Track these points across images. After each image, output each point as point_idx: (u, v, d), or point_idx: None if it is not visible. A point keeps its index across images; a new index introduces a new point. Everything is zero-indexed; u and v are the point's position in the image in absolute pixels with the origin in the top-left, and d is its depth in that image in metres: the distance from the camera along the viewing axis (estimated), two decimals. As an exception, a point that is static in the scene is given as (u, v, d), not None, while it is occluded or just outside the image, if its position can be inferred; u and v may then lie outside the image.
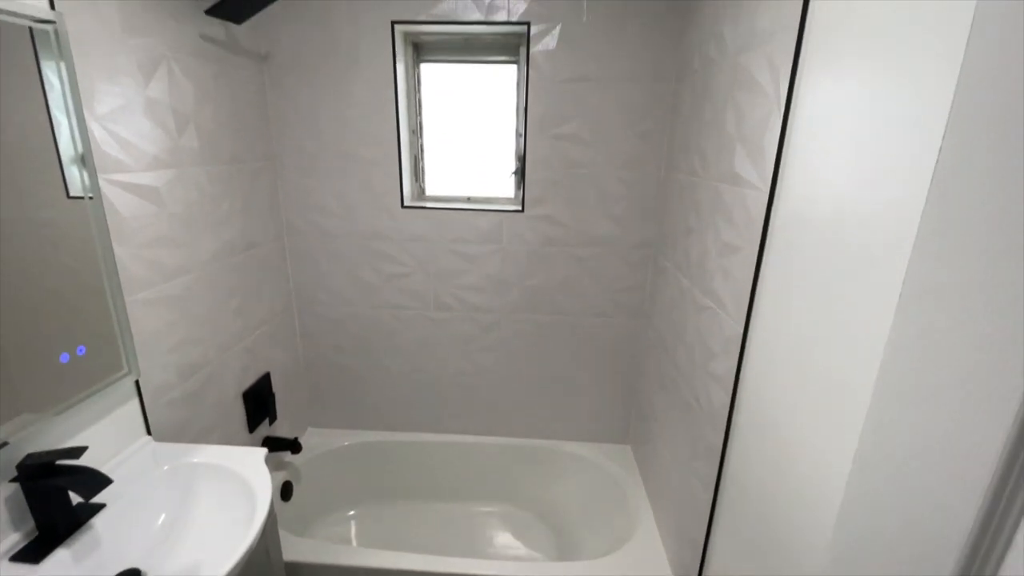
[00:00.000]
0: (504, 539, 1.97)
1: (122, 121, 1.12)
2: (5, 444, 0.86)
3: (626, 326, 1.91)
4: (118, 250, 1.10)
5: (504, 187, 1.91)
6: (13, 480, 0.87)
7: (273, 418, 1.79)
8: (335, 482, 2.01)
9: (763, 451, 0.95)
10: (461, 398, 2.06)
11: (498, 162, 1.89)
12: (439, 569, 1.45)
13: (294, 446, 1.81)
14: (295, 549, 1.49)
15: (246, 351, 1.64)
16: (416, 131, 1.85)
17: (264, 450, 1.20)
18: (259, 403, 1.71)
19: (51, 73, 0.92)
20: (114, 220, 1.09)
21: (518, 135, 1.82)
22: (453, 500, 2.09)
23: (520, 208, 1.79)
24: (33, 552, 0.87)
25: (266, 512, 1.01)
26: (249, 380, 1.67)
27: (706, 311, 1.25)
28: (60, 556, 0.89)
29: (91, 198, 1.01)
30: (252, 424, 1.68)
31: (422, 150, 1.89)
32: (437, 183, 1.94)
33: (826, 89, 0.79)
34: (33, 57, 0.90)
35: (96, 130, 1.05)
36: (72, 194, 0.98)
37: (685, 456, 1.38)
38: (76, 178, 0.98)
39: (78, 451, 0.92)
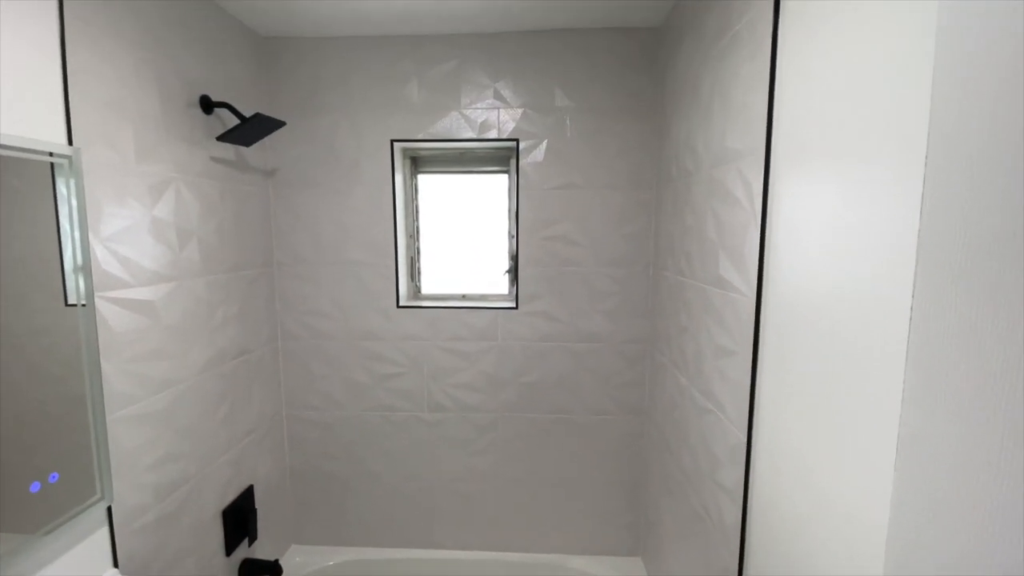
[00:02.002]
0: (505, 677, 1.74)
1: (126, 241, 1.16)
2: (-50, 593, 0.78)
3: (627, 424, 1.85)
4: (105, 366, 1.09)
5: (498, 285, 1.95)
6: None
7: (253, 538, 1.66)
8: (317, 610, 1.82)
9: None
10: (457, 508, 1.93)
11: (492, 261, 1.94)
12: None
13: (274, 569, 1.66)
14: None
15: (230, 463, 1.56)
16: (413, 235, 1.93)
17: (238, 583, 1.09)
18: (239, 521, 1.59)
19: (63, 198, 0.97)
20: (104, 335, 1.09)
21: (510, 236, 1.89)
22: (448, 628, 1.88)
23: (514, 305, 1.81)
24: None
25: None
26: (230, 496, 1.57)
27: (708, 414, 1.21)
28: None
29: (83, 305, 1.01)
30: (230, 546, 1.55)
31: (418, 252, 1.95)
32: (433, 282, 1.97)
33: (799, 198, 0.83)
34: (50, 183, 0.95)
35: (99, 250, 1.08)
36: (66, 312, 0.99)
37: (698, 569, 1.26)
38: (72, 295, 1.00)
39: (30, 597, 0.84)
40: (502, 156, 1.86)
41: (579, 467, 1.88)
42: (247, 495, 1.65)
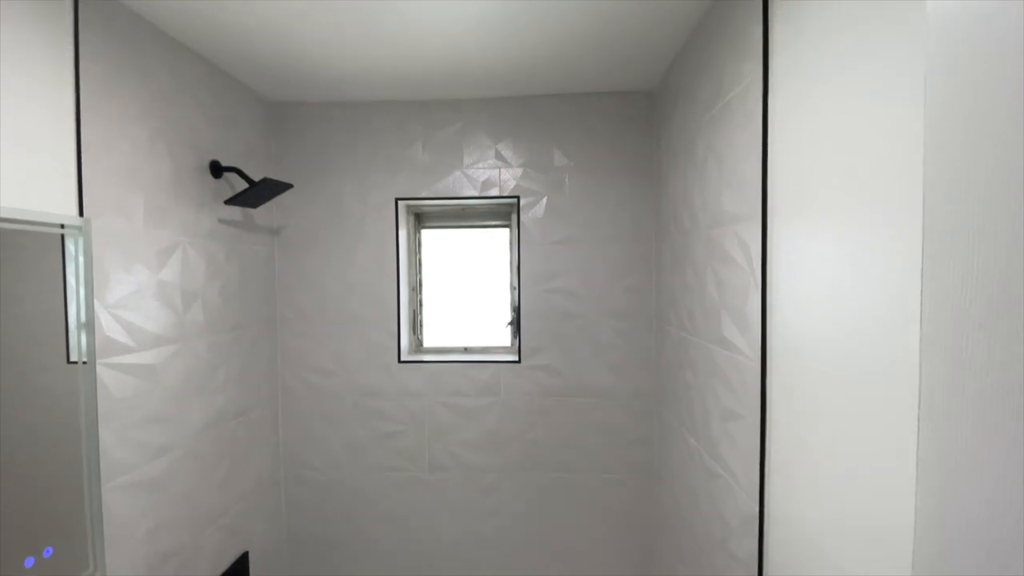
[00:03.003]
0: None
1: (131, 306, 1.17)
2: None
3: (636, 484, 1.79)
4: (104, 433, 1.07)
5: (501, 337, 1.94)
6: None
7: (246, 609, 1.58)
8: None
9: (805, 665, 0.82)
10: (459, 573, 1.84)
11: (494, 313, 1.95)
12: None
13: (266, 644, 1.57)
14: None
15: (225, 529, 1.51)
16: (416, 288, 1.94)
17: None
18: (232, 592, 1.52)
19: (71, 267, 0.99)
20: (104, 401, 1.08)
21: (512, 288, 1.90)
22: None
23: (517, 358, 1.80)
24: None
25: None
26: (224, 563, 1.51)
27: (718, 479, 1.17)
28: None
29: (84, 364, 1.01)
30: (220, 619, 1.48)
31: (421, 305, 1.96)
32: (435, 335, 1.97)
33: (797, 257, 0.83)
34: (60, 252, 0.97)
35: (103, 317, 1.09)
36: (68, 374, 0.98)
37: (717, 654, 1.19)
38: (74, 357, 1.00)
39: None
40: (503, 211, 1.89)
41: (586, 530, 1.81)
42: (242, 562, 1.58)
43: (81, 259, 1.01)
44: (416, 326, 1.96)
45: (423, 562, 1.84)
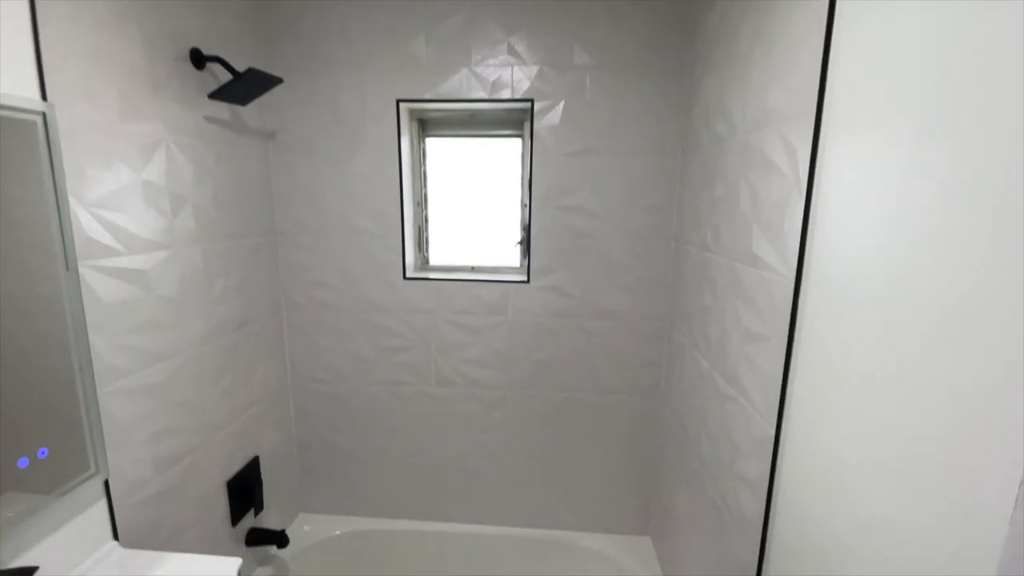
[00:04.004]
0: (511, 649, 1.75)
1: (113, 206, 1.09)
2: (-67, 574, 0.76)
3: (642, 406, 1.78)
4: (95, 339, 1.03)
5: (510, 257, 1.86)
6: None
7: (259, 508, 1.66)
8: (325, 577, 1.83)
9: (809, 583, 0.80)
10: (464, 483, 1.90)
11: (503, 232, 1.85)
12: None
13: (280, 540, 1.65)
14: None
15: (233, 435, 1.53)
16: (421, 203, 1.83)
17: (237, 561, 1.07)
18: (244, 492, 1.58)
19: (37, 156, 0.90)
20: (93, 307, 1.03)
21: (523, 205, 1.79)
22: (454, 599, 1.89)
23: (526, 279, 1.73)
24: None
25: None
26: (235, 467, 1.55)
27: (731, 402, 1.13)
28: None
29: (68, 273, 0.95)
30: (236, 516, 1.54)
31: (426, 221, 1.86)
32: (441, 253, 1.89)
33: (856, 169, 0.72)
34: (26, 141, 0.88)
35: (83, 216, 1.01)
36: (49, 281, 0.93)
37: (714, 566, 1.21)
38: (56, 265, 0.93)
39: (29, 572, 0.81)
40: (515, 118, 1.73)
41: (589, 447, 1.83)
42: (252, 466, 1.63)
43: (48, 148, 0.91)
44: (422, 243, 1.87)
45: (429, 471, 1.90)
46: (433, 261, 1.89)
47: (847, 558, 0.71)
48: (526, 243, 1.77)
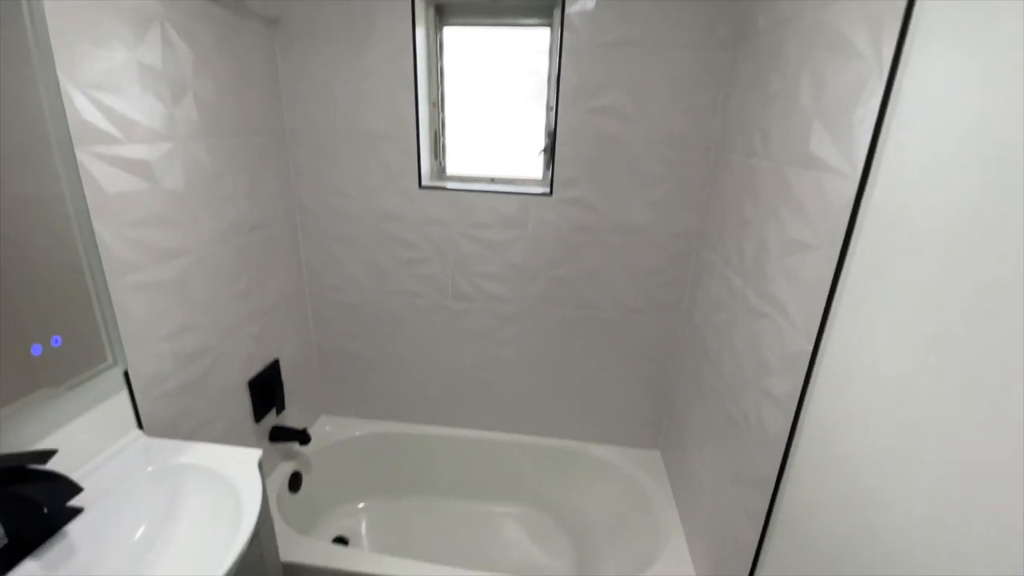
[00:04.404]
0: (521, 544, 1.86)
1: (108, 87, 1.00)
2: (-37, 447, 0.77)
3: (661, 324, 1.74)
4: (100, 230, 0.99)
5: (531, 168, 1.74)
6: (-28, 487, 0.79)
7: (281, 407, 1.71)
8: (346, 474, 1.94)
9: (835, 500, 0.78)
10: (479, 392, 1.93)
11: (526, 140, 1.72)
12: (448, 582, 1.34)
13: (303, 437, 1.72)
14: (297, 549, 1.40)
15: (252, 338, 1.54)
16: (437, 103, 1.70)
17: (258, 452, 1.10)
18: (266, 392, 1.62)
19: (27, 32, 0.81)
20: (97, 198, 0.99)
21: (549, 108, 1.64)
22: (468, 498, 1.99)
23: (548, 191, 1.62)
24: (-6, 566, 0.79)
25: (251, 529, 0.90)
26: (256, 368, 1.58)
27: (763, 319, 1.06)
28: (28, 568, 0.81)
29: (64, 158, 0.90)
30: (259, 413, 1.60)
31: (443, 125, 1.73)
32: (459, 162, 1.78)
33: (956, 58, 0.59)
34: (11, 17, 0.78)
35: (76, 97, 0.93)
36: (46, 168, 0.87)
37: (728, 480, 1.22)
38: (51, 150, 0.87)
39: (46, 455, 0.83)
40: (544, 4, 1.54)
41: (604, 363, 1.82)
42: (273, 368, 1.66)
43: (31, 19, 0.81)
44: (438, 150, 1.76)
45: (445, 380, 1.93)
46: (450, 171, 1.79)
47: (883, 480, 0.67)
48: (550, 151, 1.65)
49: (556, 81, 1.51)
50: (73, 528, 0.89)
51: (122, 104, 1.04)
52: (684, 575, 1.41)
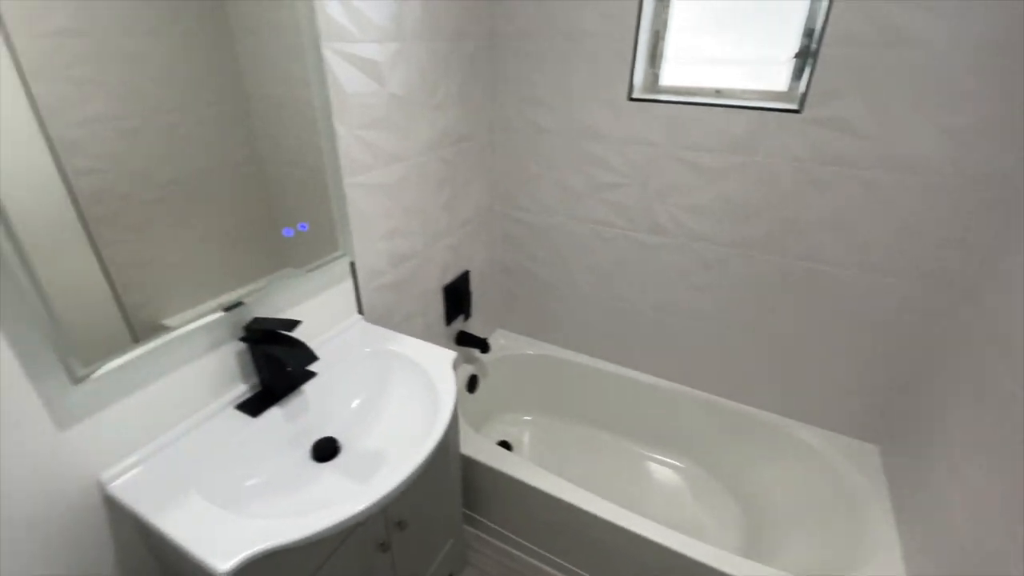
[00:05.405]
0: (682, 498, 1.76)
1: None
2: (240, 304, 0.93)
3: (923, 296, 1.32)
4: (338, 127, 1.07)
5: (773, 79, 1.39)
6: (242, 339, 0.96)
7: (468, 315, 1.82)
8: (516, 386, 2.02)
9: None
10: (660, 337, 1.78)
11: (771, 41, 1.36)
12: (611, 519, 1.31)
13: (483, 346, 1.82)
14: (471, 444, 1.52)
15: (450, 248, 1.62)
16: (664, -2, 1.43)
17: (453, 353, 1.15)
18: (457, 299, 1.73)
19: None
20: (337, 94, 1.05)
21: (816, -3, 1.25)
22: (630, 438, 1.93)
23: (796, 107, 1.29)
24: (253, 405, 0.97)
25: (446, 422, 0.95)
26: (449, 276, 1.67)
27: None
28: (274, 414, 0.98)
29: (313, 50, 0.95)
30: (449, 317, 1.72)
31: (665, 25, 1.47)
32: (677, 73, 1.51)
33: None
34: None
35: (324, -8, 0.97)
36: (296, 61, 0.94)
37: (1000, 511, 0.90)
38: (303, 40, 0.93)
39: (293, 324, 0.96)
40: None
41: (823, 329, 1.49)
42: (464, 278, 1.75)
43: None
44: (656, 57, 1.51)
45: (624, 318, 1.82)
46: (665, 81, 1.54)
47: None
48: (807, 54, 1.28)
49: (840, -47, 1.12)
50: (308, 388, 1.04)
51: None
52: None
